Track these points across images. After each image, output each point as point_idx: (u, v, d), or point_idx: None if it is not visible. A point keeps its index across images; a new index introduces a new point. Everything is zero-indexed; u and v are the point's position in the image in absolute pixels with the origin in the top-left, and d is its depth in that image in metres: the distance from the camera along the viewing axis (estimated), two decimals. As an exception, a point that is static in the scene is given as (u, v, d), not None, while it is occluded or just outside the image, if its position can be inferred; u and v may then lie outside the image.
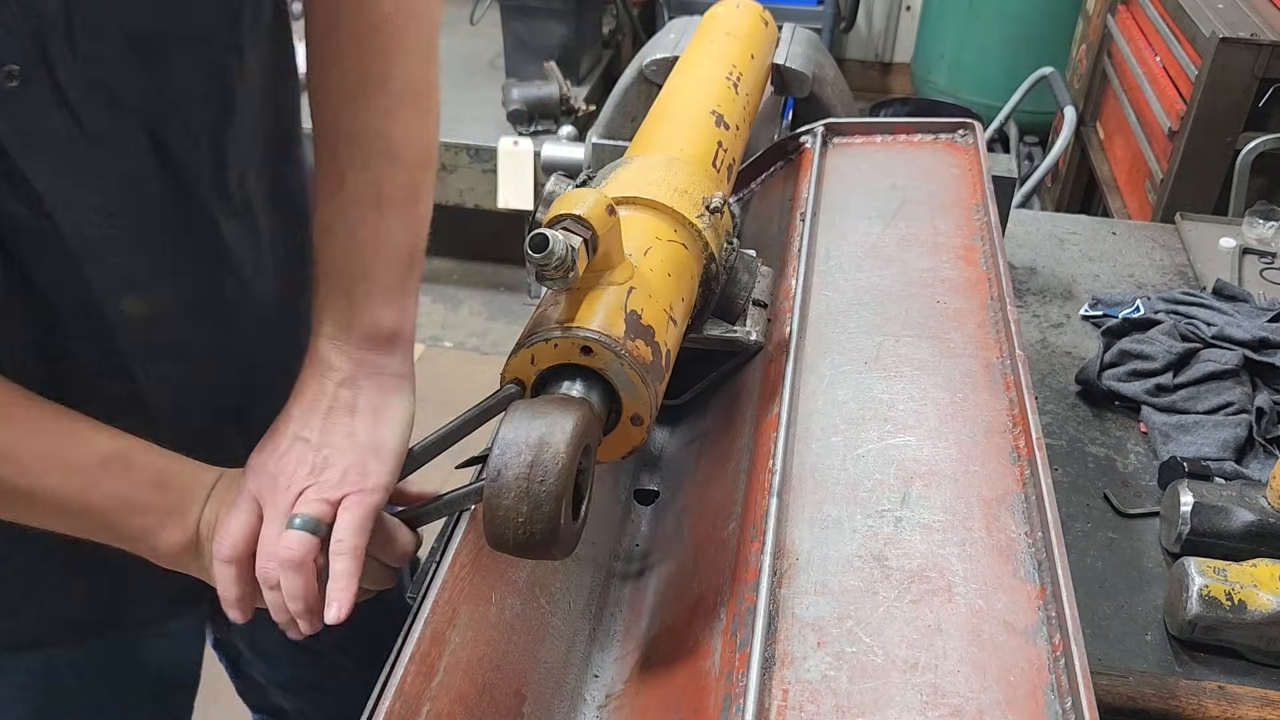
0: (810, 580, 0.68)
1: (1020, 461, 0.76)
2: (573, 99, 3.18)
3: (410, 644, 0.65)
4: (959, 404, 0.82)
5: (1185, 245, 1.75)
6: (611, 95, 1.46)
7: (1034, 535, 0.70)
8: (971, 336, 0.89)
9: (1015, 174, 1.40)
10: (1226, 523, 1.08)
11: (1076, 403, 1.39)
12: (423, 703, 0.63)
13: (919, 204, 1.09)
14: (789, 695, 0.61)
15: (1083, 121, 2.94)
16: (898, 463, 0.76)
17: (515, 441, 0.62)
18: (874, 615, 0.65)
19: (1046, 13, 3.80)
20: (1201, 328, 1.39)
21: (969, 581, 0.67)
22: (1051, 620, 0.64)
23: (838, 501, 0.74)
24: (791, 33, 1.43)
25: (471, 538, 0.73)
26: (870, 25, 5.09)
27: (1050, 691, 0.60)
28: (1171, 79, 2.35)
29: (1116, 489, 1.24)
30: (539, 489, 0.61)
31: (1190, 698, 0.95)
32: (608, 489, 0.91)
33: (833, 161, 1.19)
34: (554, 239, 0.63)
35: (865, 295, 0.96)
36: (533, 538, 0.61)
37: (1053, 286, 1.64)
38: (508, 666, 0.71)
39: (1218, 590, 1.00)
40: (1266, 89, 2.10)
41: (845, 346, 0.89)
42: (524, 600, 0.76)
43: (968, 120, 1.22)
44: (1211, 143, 2.17)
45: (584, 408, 0.65)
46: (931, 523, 0.71)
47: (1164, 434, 1.29)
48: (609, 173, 0.92)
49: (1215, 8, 2.22)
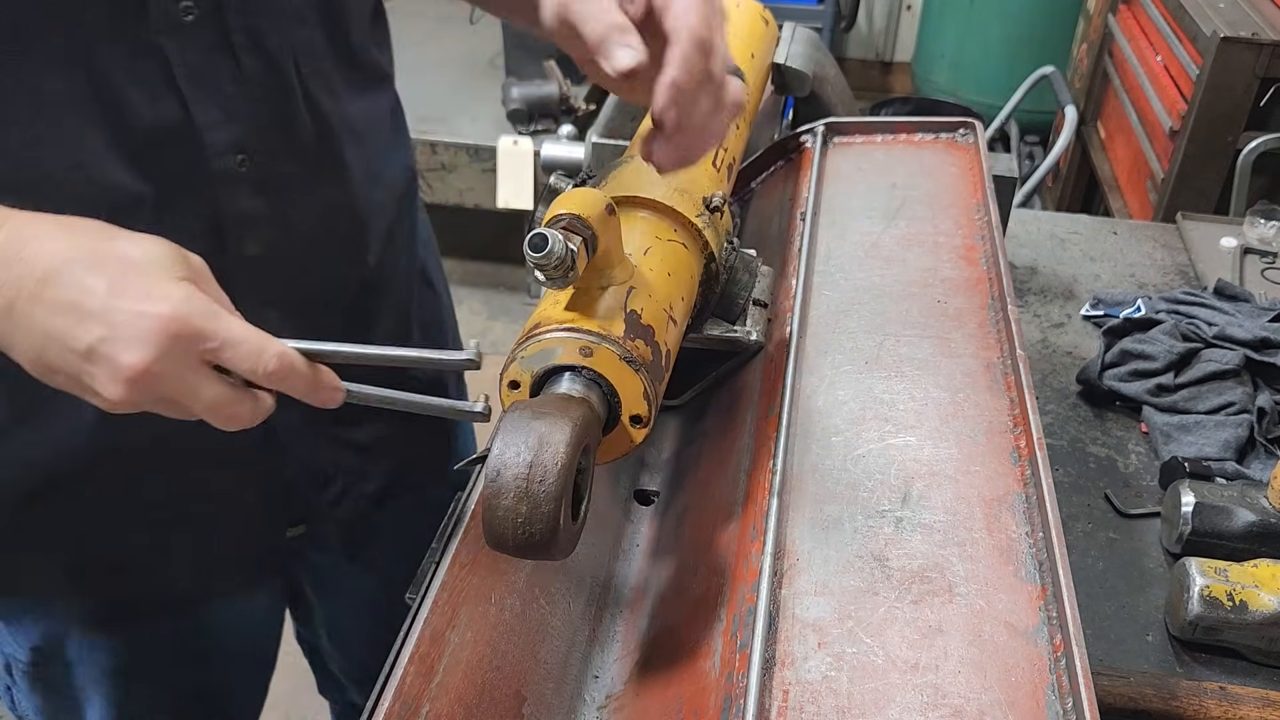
0: (811, 580, 0.68)
1: (1021, 462, 0.76)
2: (572, 98, 3.17)
3: (410, 644, 0.64)
4: (960, 404, 0.82)
5: (1186, 245, 1.75)
6: (611, 94, 1.45)
7: (1035, 535, 0.70)
8: (972, 336, 0.89)
9: (1016, 173, 1.40)
10: (1228, 523, 1.08)
11: (1077, 403, 1.39)
12: (422, 703, 0.63)
13: (920, 203, 1.09)
14: (789, 696, 0.61)
15: (1084, 121, 2.93)
16: (898, 463, 0.76)
17: (514, 441, 0.61)
18: (875, 616, 0.65)
19: (1047, 12, 3.80)
20: (1203, 328, 1.39)
21: (970, 582, 0.66)
22: (1052, 621, 0.63)
23: (838, 501, 0.74)
24: (792, 32, 1.42)
25: (471, 538, 0.73)
26: (871, 24, 5.09)
27: (1051, 692, 0.60)
28: (1173, 78, 2.34)
29: (1117, 489, 1.24)
30: (538, 489, 0.60)
31: (1191, 698, 0.95)
32: (608, 489, 0.90)
33: (833, 161, 1.19)
34: (553, 238, 0.63)
35: (866, 295, 0.96)
36: (532, 538, 0.61)
37: (1054, 286, 1.64)
38: (507, 667, 0.71)
39: (1219, 591, 1.00)
40: (1268, 88, 2.10)
41: (846, 346, 0.89)
42: (524, 600, 0.75)
43: (968, 120, 1.22)
44: (1213, 142, 2.17)
45: (583, 408, 0.65)
46: (932, 523, 0.71)
47: (1165, 434, 1.29)
48: (609, 172, 0.92)
49: (1216, 7, 2.22)
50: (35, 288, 0.59)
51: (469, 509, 0.76)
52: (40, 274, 0.59)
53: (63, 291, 0.59)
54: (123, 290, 0.59)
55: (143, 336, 0.58)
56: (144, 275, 0.60)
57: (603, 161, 1.20)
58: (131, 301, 0.59)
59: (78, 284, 0.59)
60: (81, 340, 0.59)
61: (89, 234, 0.62)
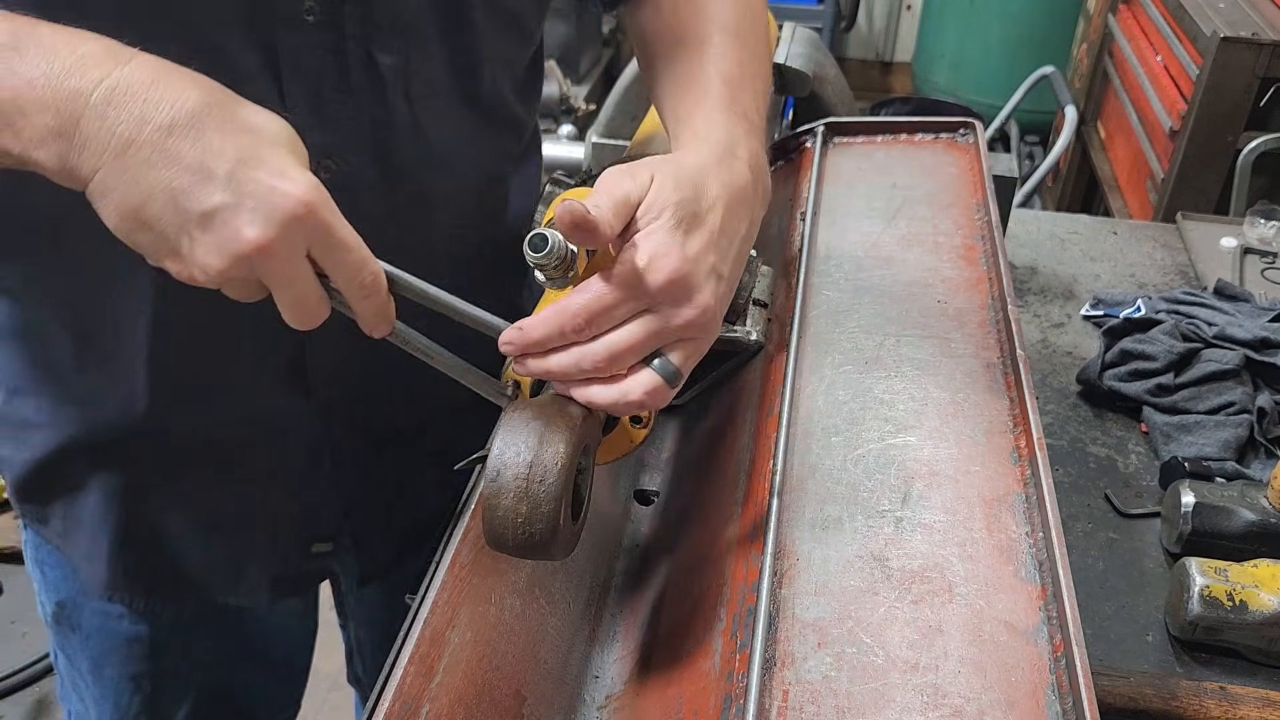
0: (811, 580, 0.68)
1: (1021, 462, 0.76)
2: (572, 98, 3.17)
3: (410, 644, 0.64)
4: (960, 404, 0.82)
5: (1186, 245, 1.75)
6: (611, 94, 1.46)
7: (1035, 535, 0.70)
8: (972, 336, 0.89)
9: (1016, 173, 1.40)
10: (1228, 523, 1.08)
11: (1078, 403, 1.39)
12: (422, 703, 0.63)
13: (920, 203, 1.09)
14: (789, 696, 0.61)
15: (1084, 121, 2.93)
16: (898, 463, 0.76)
17: (514, 441, 0.61)
18: (875, 616, 0.65)
19: (1047, 12, 3.80)
20: (1203, 327, 1.39)
21: (970, 582, 0.66)
22: (1052, 620, 0.63)
23: (838, 501, 0.74)
24: (792, 32, 1.43)
25: (471, 538, 0.73)
26: (871, 24, 5.10)
27: (1051, 692, 0.60)
28: (1173, 78, 2.34)
29: (1117, 489, 1.24)
30: (538, 489, 0.60)
31: (1191, 698, 0.95)
32: (608, 489, 0.90)
33: (833, 161, 1.19)
34: (553, 238, 0.63)
35: (866, 295, 0.96)
36: (532, 538, 0.61)
37: (1054, 286, 1.64)
38: (507, 667, 0.71)
39: (1219, 591, 1.00)
40: (1268, 88, 2.10)
41: (845, 346, 0.89)
42: (524, 601, 0.75)
43: (969, 120, 1.22)
44: (1212, 142, 2.17)
45: (584, 408, 0.65)
46: (932, 523, 0.71)
47: (1165, 434, 1.29)
48: (609, 172, 0.92)
49: (1216, 7, 2.22)
50: (158, 135, 0.55)
51: (469, 509, 0.76)
52: (166, 121, 0.55)
53: (189, 147, 0.55)
54: (255, 161, 0.56)
55: (269, 213, 0.55)
56: (274, 151, 0.57)
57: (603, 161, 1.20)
58: (264, 175, 0.56)
59: (206, 143, 0.55)
60: (202, 203, 0.55)
61: (219, 93, 0.58)
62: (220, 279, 0.57)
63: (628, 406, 0.65)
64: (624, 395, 0.64)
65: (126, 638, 1.01)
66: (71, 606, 1.01)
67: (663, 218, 0.64)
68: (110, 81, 0.55)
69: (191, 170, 0.55)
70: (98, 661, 1.03)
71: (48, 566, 1.01)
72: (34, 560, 1.02)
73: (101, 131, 0.55)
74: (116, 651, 1.02)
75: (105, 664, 1.03)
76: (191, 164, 0.55)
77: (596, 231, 0.61)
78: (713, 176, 0.69)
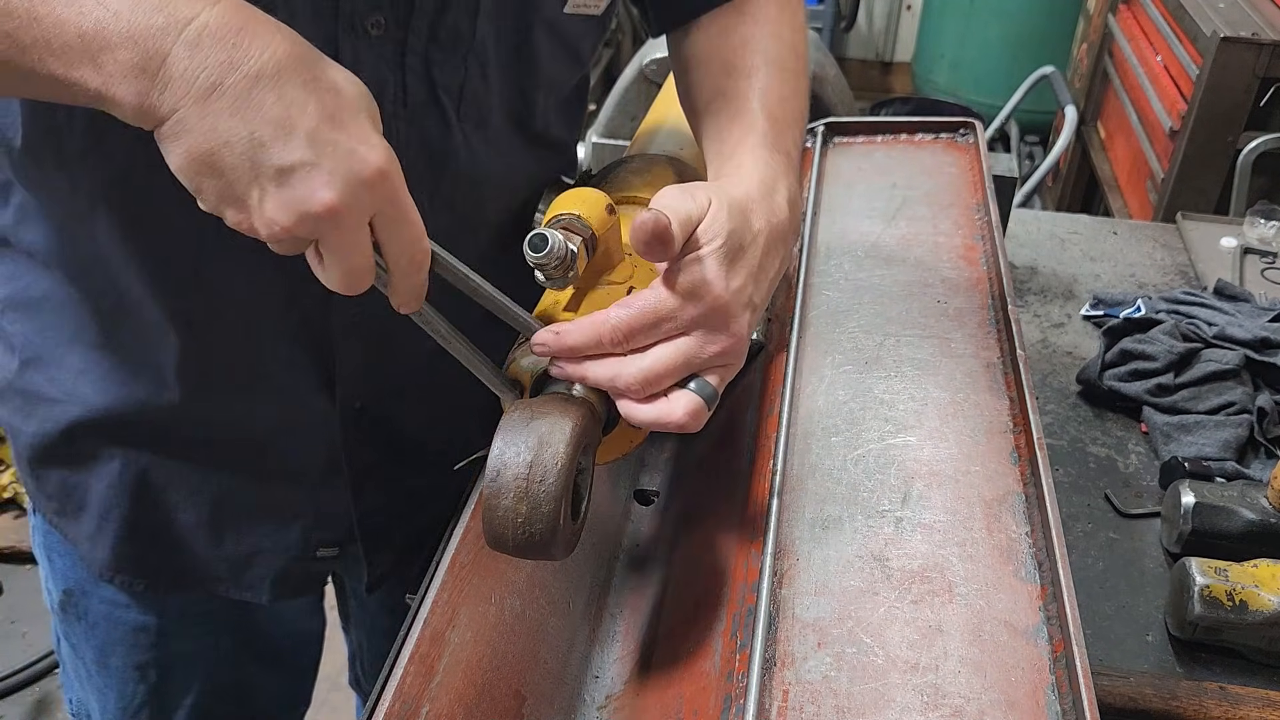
0: (811, 580, 0.68)
1: (1021, 461, 0.76)
2: (573, 98, 3.17)
3: (410, 644, 0.64)
4: (960, 404, 0.82)
5: (1186, 245, 1.75)
6: (611, 94, 1.46)
7: (1035, 535, 0.70)
8: (972, 336, 0.89)
9: (1016, 173, 1.40)
10: (1228, 523, 1.08)
11: (1077, 403, 1.39)
12: (422, 703, 0.63)
13: (920, 203, 1.09)
14: (789, 696, 0.61)
15: (1084, 121, 2.93)
16: (898, 463, 0.76)
17: (514, 441, 0.61)
18: (874, 616, 0.65)
19: (1047, 12, 3.81)
20: (1203, 327, 1.39)
21: (969, 582, 0.67)
22: (1052, 620, 0.63)
23: (838, 501, 0.74)
24: (792, 32, 1.42)
25: (471, 538, 0.73)
26: (871, 24, 5.10)
27: (1051, 692, 0.60)
28: (1173, 78, 2.34)
29: (1117, 489, 1.24)
30: (538, 489, 0.60)
31: (1191, 698, 0.95)
32: (608, 489, 0.91)
33: (833, 161, 1.19)
34: (553, 238, 0.63)
35: (865, 295, 0.96)
36: (532, 538, 0.61)
37: (1053, 286, 1.64)
38: (507, 667, 0.71)
39: (1219, 591, 1.00)
40: (1268, 88, 2.10)
41: (845, 346, 0.89)
42: (524, 601, 0.75)
43: (968, 120, 1.22)
44: (1212, 142, 2.17)
45: (583, 408, 0.65)
46: (932, 523, 0.71)
47: (1165, 434, 1.29)
48: (609, 172, 0.92)
49: (1216, 7, 2.22)
50: (244, 83, 0.53)
51: (469, 509, 0.76)
52: (255, 69, 0.53)
53: (273, 99, 0.54)
54: (338, 123, 0.55)
55: (347, 177, 0.54)
56: (356, 114, 0.56)
57: (603, 161, 1.20)
58: (346, 137, 0.55)
59: (291, 97, 0.54)
60: (280, 158, 0.54)
61: (304, 46, 0.56)
62: (281, 234, 0.56)
63: (667, 427, 0.66)
64: (665, 415, 0.66)
65: (133, 627, 1.01)
66: (79, 594, 1.01)
67: (714, 244, 0.66)
68: (200, 22, 0.53)
69: (273, 123, 0.54)
70: (103, 650, 1.03)
71: (56, 553, 1.01)
72: (42, 547, 1.02)
73: (188, 72, 0.53)
74: (123, 641, 1.02)
75: (111, 653, 1.03)
76: (274, 116, 0.54)
77: (670, 246, 0.63)
78: (757, 210, 0.71)
